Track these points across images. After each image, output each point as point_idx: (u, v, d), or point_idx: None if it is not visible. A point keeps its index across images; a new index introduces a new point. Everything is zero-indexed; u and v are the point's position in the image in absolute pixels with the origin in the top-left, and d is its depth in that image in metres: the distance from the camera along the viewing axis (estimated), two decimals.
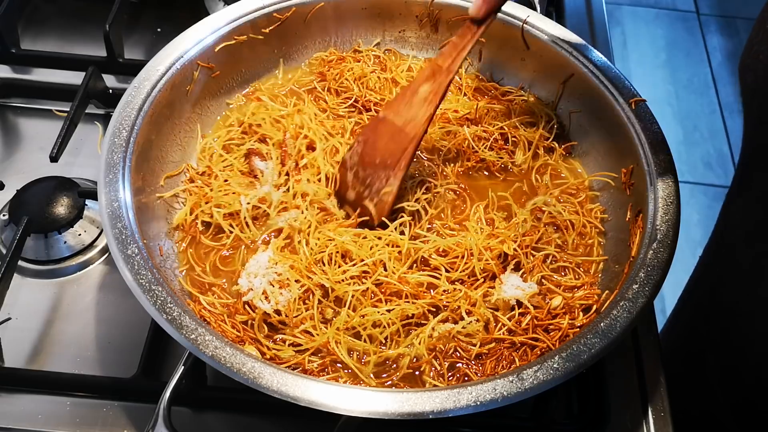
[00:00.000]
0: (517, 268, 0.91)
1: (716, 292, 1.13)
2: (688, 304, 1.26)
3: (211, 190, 0.95)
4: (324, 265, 0.88)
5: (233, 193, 0.95)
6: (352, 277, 0.87)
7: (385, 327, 0.84)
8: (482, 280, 0.89)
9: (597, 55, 1.03)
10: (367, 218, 0.94)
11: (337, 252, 0.89)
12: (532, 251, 0.92)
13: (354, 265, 0.88)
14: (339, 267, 0.88)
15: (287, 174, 0.97)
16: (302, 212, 0.94)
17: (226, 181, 0.96)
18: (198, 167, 0.99)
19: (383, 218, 0.93)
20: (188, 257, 0.91)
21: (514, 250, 0.90)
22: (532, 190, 1.02)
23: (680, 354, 1.22)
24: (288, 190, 0.96)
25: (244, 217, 0.93)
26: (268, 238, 0.93)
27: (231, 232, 0.93)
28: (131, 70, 1.10)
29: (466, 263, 0.89)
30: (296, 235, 0.92)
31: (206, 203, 0.94)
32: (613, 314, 0.78)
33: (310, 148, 1.01)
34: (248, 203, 0.94)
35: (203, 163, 0.99)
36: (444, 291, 0.87)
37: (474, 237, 0.92)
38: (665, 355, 0.94)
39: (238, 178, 0.97)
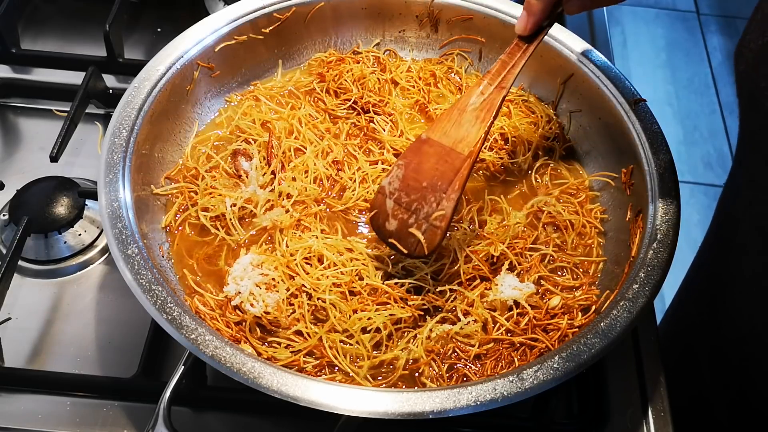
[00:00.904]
0: (511, 269, 0.91)
1: (711, 280, 1.13)
2: (684, 300, 1.26)
3: (197, 193, 0.95)
4: (307, 265, 0.88)
5: (219, 195, 0.94)
6: (334, 284, 0.86)
7: (375, 333, 0.84)
8: (479, 280, 0.89)
9: (597, 55, 1.03)
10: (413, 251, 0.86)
11: (312, 256, 0.89)
12: (529, 252, 0.92)
13: (337, 269, 0.88)
14: (326, 268, 0.88)
15: (273, 173, 0.97)
16: (287, 211, 0.93)
17: (213, 186, 0.95)
18: (187, 165, 0.99)
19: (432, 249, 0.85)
20: (178, 256, 0.91)
21: (502, 252, 0.90)
22: (531, 190, 1.01)
23: (674, 346, 1.23)
24: (272, 190, 0.95)
25: (230, 219, 0.93)
26: (254, 237, 0.93)
27: (217, 235, 0.93)
28: (131, 70, 1.11)
29: (450, 268, 0.89)
30: (277, 233, 0.92)
31: (192, 206, 0.94)
32: (613, 314, 0.78)
33: (300, 150, 1.00)
34: (233, 205, 0.93)
35: (190, 163, 0.99)
36: (439, 292, 0.87)
37: (458, 239, 0.91)
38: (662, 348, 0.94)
39: (224, 180, 0.97)
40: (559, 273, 0.92)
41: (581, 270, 0.93)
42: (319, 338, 0.83)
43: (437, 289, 0.88)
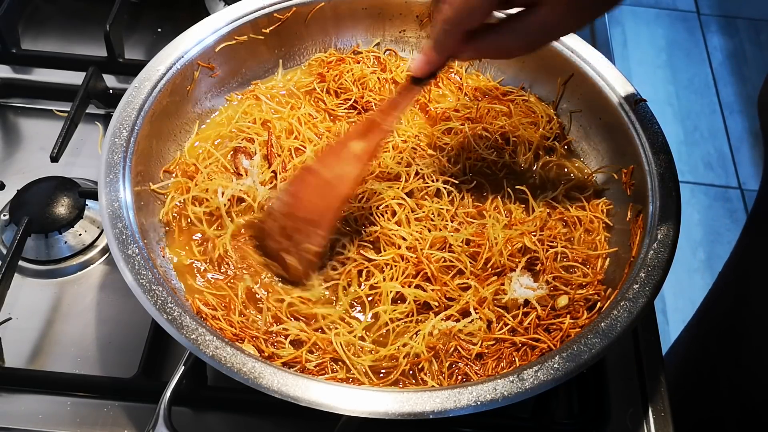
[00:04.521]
0: (530, 266, 0.90)
1: (734, 310, 1.13)
2: (703, 322, 1.26)
3: (196, 184, 0.95)
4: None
5: (213, 181, 0.94)
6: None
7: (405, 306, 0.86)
8: (495, 276, 0.89)
9: (597, 55, 1.03)
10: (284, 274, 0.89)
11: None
12: (547, 247, 0.92)
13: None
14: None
15: (273, 172, 0.97)
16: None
17: (210, 178, 0.96)
18: (185, 161, 0.99)
19: (305, 277, 0.88)
20: (176, 250, 0.91)
21: (534, 244, 0.91)
22: (534, 188, 1.01)
23: (691, 368, 1.22)
24: (275, 187, 0.95)
25: (225, 206, 0.92)
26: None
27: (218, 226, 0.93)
28: (132, 70, 1.11)
29: (489, 254, 0.89)
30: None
31: (187, 191, 0.94)
32: (613, 314, 0.78)
33: (301, 150, 1.00)
34: (226, 193, 0.93)
35: (189, 159, 0.99)
36: (461, 285, 0.88)
37: (494, 228, 0.92)
38: (676, 368, 0.94)
39: (222, 176, 0.97)
40: (570, 270, 0.92)
41: (590, 267, 0.92)
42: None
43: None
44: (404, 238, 0.91)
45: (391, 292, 0.87)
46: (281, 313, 0.86)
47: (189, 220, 0.93)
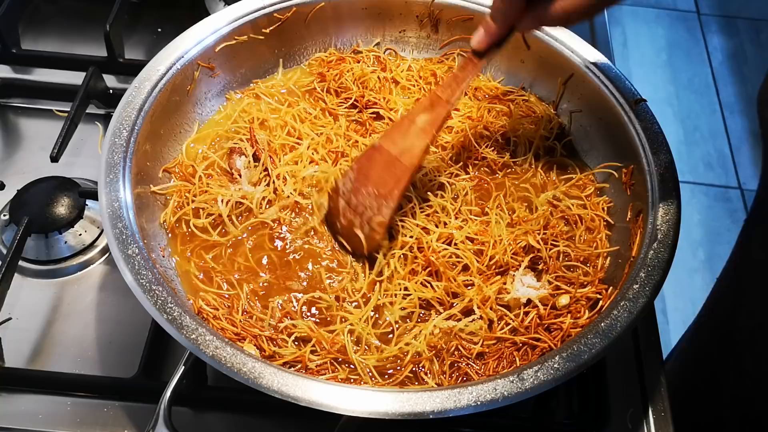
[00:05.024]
0: (533, 265, 0.90)
1: (733, 316, 1.13)
2: (704, 326, 1.25)
3: (195, 196, 0.95)
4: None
5: (212, 192, 0.94)
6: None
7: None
8: (498, 276, 0.89)
9: (597, 55, 1.03)
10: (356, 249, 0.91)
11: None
12: (551, 245, 0.92)
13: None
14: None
15: (266, 169, 0.97)
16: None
17: (208, 185, 0.96)
18: (184, 163, 0.99)
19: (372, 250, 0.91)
20: (179, 254, 0.91)
21: (537, 242, 0.91)
22: (535, 187, 1.01)
23: (691, 371, 1.22)
24: (268, 185, 0.95)
25: (225, 216, 0.93)
26: (252, 232, 0.94)
27: (221, 231, 0.93)
28: (132, 70, 1.10)
29: (494, 251, 0.90)
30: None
31: (188, 204, 0.94)
32: (613, 314, 0.78)
33: (296, 146, 1.00)
34: (227, 202, 0.93)
35: (187, 161, 0.99)
36: (465, 282, 0.88)
37: (498, 227, 0.92)
38: (677, 370, 0.94)
39: (218, 179, 0.97)
40: (572, 270, 0.92)
41: (591, 265, 0.92)
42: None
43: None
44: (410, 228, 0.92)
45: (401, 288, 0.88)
46: (294, 309, 0.86)
47: (191, 226, 0.93)
